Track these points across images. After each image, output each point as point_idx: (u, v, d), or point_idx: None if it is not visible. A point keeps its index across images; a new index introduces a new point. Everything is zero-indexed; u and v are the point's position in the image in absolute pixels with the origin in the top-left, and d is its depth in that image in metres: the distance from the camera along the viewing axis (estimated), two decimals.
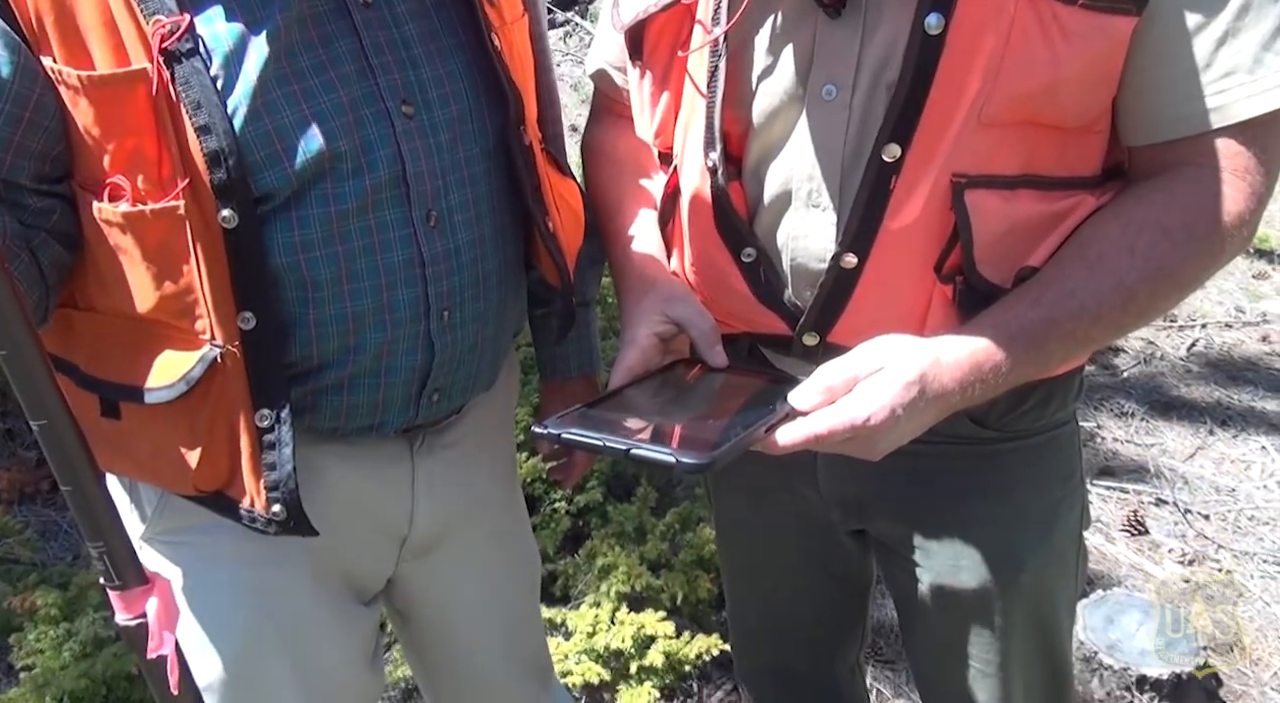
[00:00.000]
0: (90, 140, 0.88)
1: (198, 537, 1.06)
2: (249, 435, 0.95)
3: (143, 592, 0.84)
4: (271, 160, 0.90)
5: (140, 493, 1.08)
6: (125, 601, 0.84)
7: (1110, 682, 2.12)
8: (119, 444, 1.00)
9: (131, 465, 1.02)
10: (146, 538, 1.08)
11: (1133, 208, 0.92)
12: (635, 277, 1.06)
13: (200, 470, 0.97)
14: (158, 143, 0.87)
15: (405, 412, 1.06)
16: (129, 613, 0.84)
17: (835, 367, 0.86)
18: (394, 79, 0.97)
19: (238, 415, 0.95)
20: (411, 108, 0.97)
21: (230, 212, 0.88)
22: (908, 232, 0.94)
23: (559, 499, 2.35)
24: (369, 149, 0.94)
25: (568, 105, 5.42)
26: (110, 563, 0.82)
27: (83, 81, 0.85)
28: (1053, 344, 0.91)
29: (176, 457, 0.97)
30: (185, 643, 1.05)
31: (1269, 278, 3.80)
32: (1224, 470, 2.81)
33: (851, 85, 0.94)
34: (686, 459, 0.76)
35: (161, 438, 0.97)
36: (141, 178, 0.88)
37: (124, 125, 0.86)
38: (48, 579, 2.16)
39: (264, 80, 0.89)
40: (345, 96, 0.93)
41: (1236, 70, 0.86)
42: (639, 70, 1.09)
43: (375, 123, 0.95)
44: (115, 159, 0.87)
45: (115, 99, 0.85)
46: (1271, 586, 2.40)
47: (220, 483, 0.99)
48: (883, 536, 1.21)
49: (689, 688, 2.12)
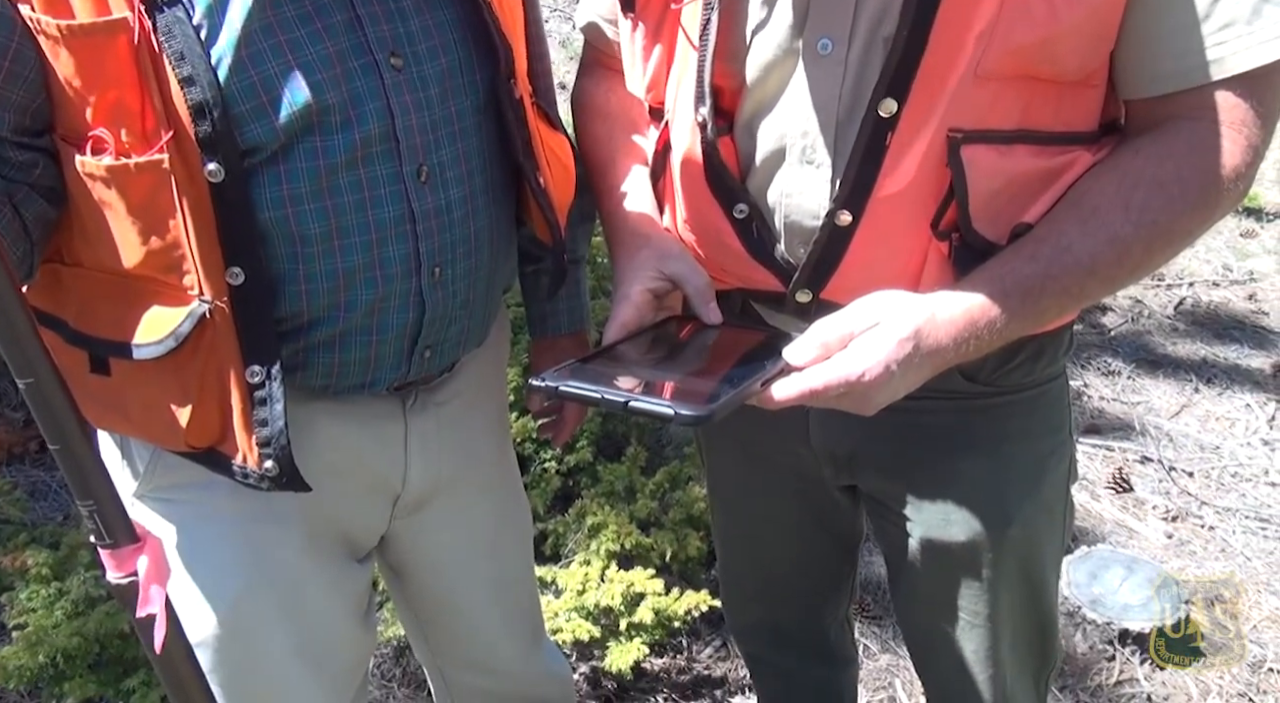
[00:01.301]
0: (71, 92, 0.86)
1: (191, 494, 1.06)
2: (240, 392, 0.95)
3: (134, 550, 0.84)
4: (257, 113, 0.88)
5: (132, 450, 1.07)
6: (116, 559, 0.84)
7: (1093, 636, 2.15)
8: (110, 400, 0.99)
9: (122, 421, 1.02)
10: (139, 495, 1.08)
11: (1129, 162, 0.92)
12: (628, 233, 1.05)
13: (191, 427, 0.97)
14: (140, 94, 0.85)
15: (397, 369, 1.06)
16: (120, 571, 0.84)
17: (830, 322, 0.86)
18: (383, 30, 0.95)
19: (228, 372, 0.94)
20: (400, 60, 0.96)
21: (216, 165, 0.87)
22: (903, 188, 0.93)
23: (549, 459, 2.35)
24: (358, 102, 0.93)
25: (556, 62, 5.34)
26: (100, 521, 0.82)
27: (62, 31, 0.83)
28: (1048, 299, 0.91)
29: (167, 413, 0.97)
30: (179, 600, 1.05)
31: (1256, 236, 3.81)
32: (1208, 428, 2.84)
33: (848, 39, 0.92)
34: (685, 411, 0.76)
35: (152, 394, 0.97)
36: (124, 131, 0.86)
37: (105, 77, 0.84)
38: (38, 539, 2.16)
39: (248, 30, 0.87)
40: (332, 48, 0.92)
41: (1235, 22, 0.85)
42: (631, 23, 1.07)
43: (364, 75, 0.93)
44: (97, 111, 0.86)
45: (95, 49, 0.84)
46: (1253, 541, 2.43)
47: (212, 439, 0.99)
48: (873, 490, 1.22)
49: (678, 644, 2.14)
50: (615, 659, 1.93)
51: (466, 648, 1.38)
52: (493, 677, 1.40)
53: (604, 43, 1.21)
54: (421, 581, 1.30)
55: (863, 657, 2.11)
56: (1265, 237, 3.82)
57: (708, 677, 2.09)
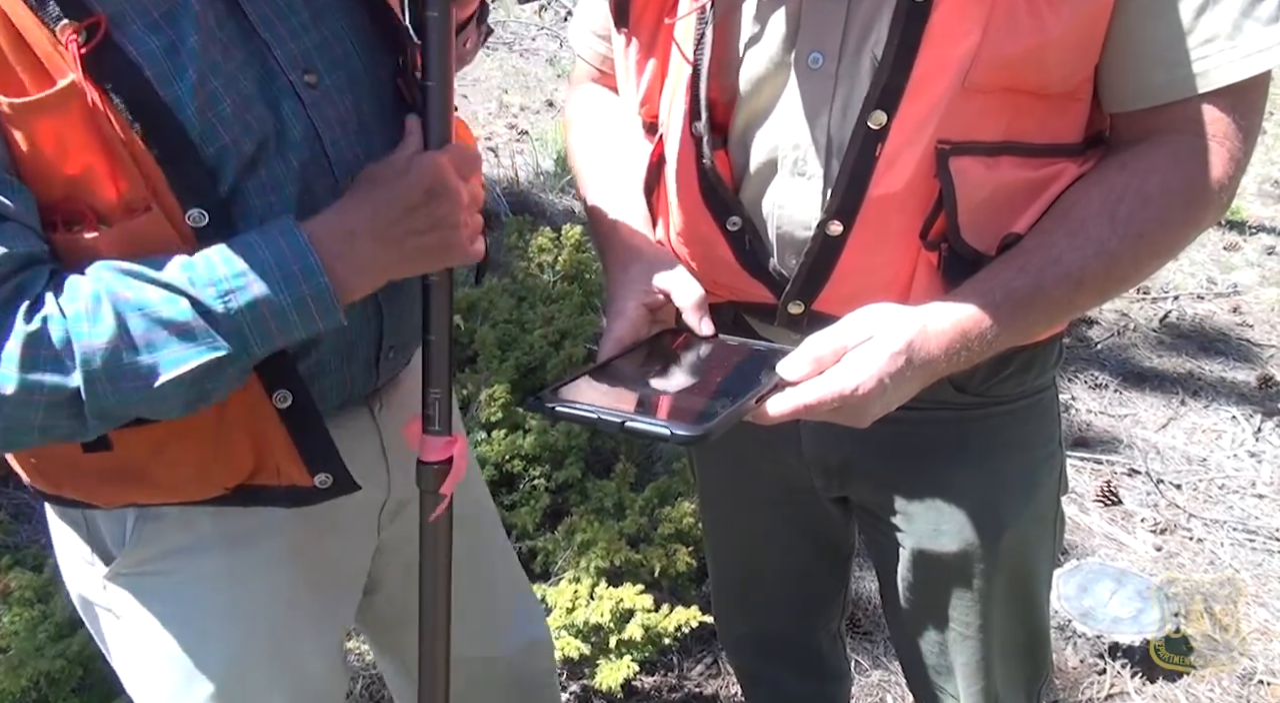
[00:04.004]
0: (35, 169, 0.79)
1: (172, 562, 1.03)
2: (272, 419, 0.94)
3: (450, 440, 1.01)
4: (223, 154, 0.85)
5: (102, 531, 1.03)
6: (436, 446, 1.00)
7: (1084, 649, 2.15)
8: (119, 474, 0.95)
9: (142, 490, 0.97)
10: (113, 575, 1.04)
11: (1115, 175, 0.93)
12: (621, 247, 1.06)
13: (230, 467, 0.95)
14: (108, 158, 0.80)
15: (369, 380, 1.06)
16: (436, 458, 1.00)
17: (823, 337, 0.87)
18: (290, 50, 0.91)
19: (255, 404, 0.93)
20: (315, 77, 0.92)
21: (199, 211, 0.84)
22: (893, 199, 0.94)
23: (538, 476, 2.34)
24: (287, 126, 0.90)
25: (543, 79, 5.38)
26: (438, 410, 0.99)
27: (16, 108, 0.77)
28: (1037, 310, 0.92)
29: (198, 462, 0.94)
30: (169, 672, 1.04)
31: (1240, 249, 3.85)
32: (1195, 440, 2.85)
33: (838, 53, 0.93)
34: (681, 431, 0.76)
35: (177, 450, 0.93)
36: (95, 199, 0.81)
37: (67, 147, 0.78)
38: (21, 561, 2.13)
39: (200, 73, 0.83)
40: (254, 78, 0.88)
41: (1217, 37, 0.87)
42: (624, 38, 1.08)
43: (284, 99, 0.90)
44: (65, 184, 0.80)
45: (53, 121, 0.78)
46: (1241, 553, 2.44)
47: (246, 473, 0.97)
48: (865, 501, 1.22)
49: (669, 662, 2.13)
50: (605, 677, 1.92)
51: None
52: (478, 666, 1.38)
53: (597, 58, 1.21)
54: (393, 587, 1.27)
55: (854, 672, 2.11)
56: (1248, 249, 3.85)
57: (699, 694, 2.08)
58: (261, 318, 0.82)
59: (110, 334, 0.78)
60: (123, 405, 0.81)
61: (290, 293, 0.83)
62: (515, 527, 2.25)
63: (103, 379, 0.78)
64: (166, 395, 0.81)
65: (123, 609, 1.04)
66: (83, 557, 1.05)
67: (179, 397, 0.82)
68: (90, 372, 0.78)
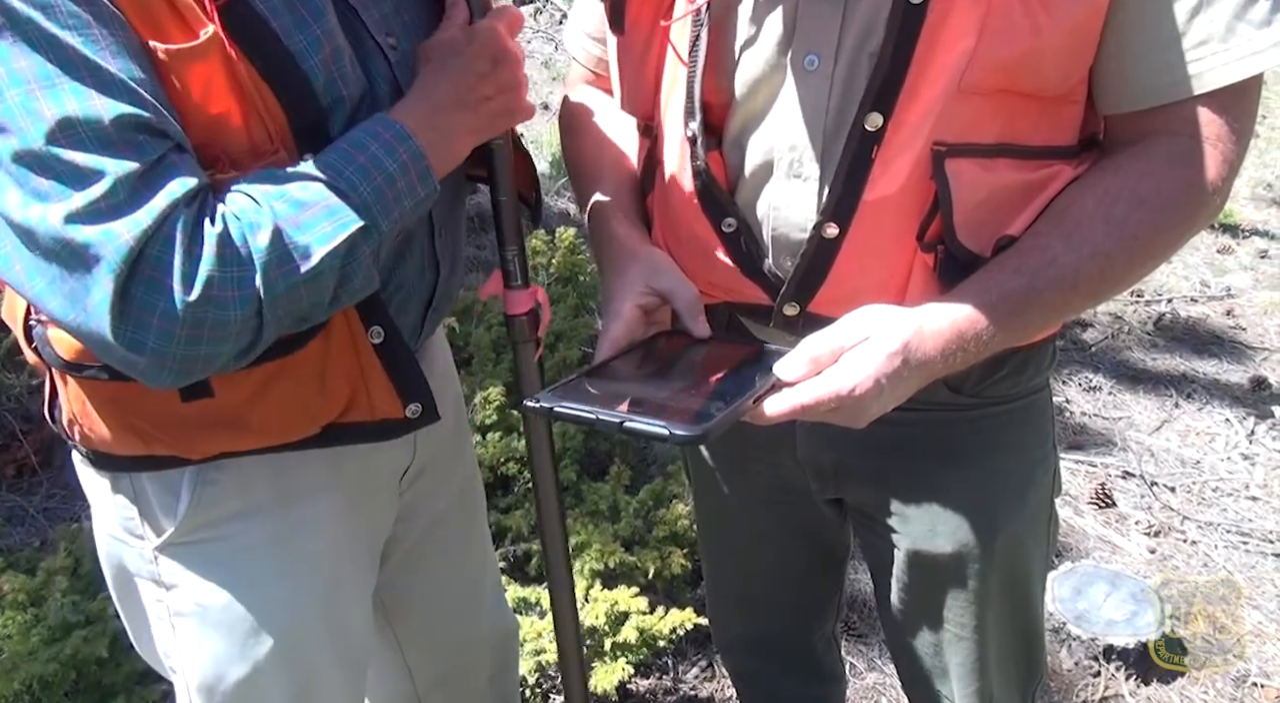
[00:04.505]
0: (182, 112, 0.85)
1: (226, 528, 1.05)
2: (367, 355, 1.00)
3: (532, 291, 1.10)
4: (337, 105, 0.92)
5: (154, 504, 1.05)
6: (518, 299, 1.09)
7: (1078, 652, 2.15)
8: (218, 421, 0.98)
9: (237, 437, 1.01)
10: (163, 548, 1.06)
11: (1109, 177, 0.93)
12: (617, 249, 1.06)
13: (327, 405, 1.01)
14: (242, 107, 0.86)
15: (416, 336, 1.10)
16: (519, 311, 1.10)
17: (820, 338, 0.87)
18: (374, 15, 0.99)
19: (354, 339, 0.99)
20: (395, 40, 1.00)
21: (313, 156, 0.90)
22: (889, 201, 0.94)
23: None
24: (376, 84, 0.97)
25: (537, 83, 5.38)
26: (517, 266, 1.08)
27: (170, 55, 0.82)
28: (1032, 312, 0.92)
29: (301, 402, 0.99)
30: (228, 637, 1.07)
31: (1233, 252, 3.86)
32: (1189, 443, 2.86)
33: (834, 55, 0.93)
34: (679, 431, 0.77)
35: (285, 389, 0.98)
36: (228, 145, 0.87)
37: (210, 94, 0.85)
38: (14, 564, 2.13)
39: (320, 32, 0.90)
40: (348, 39, 0.95)
41: (1210, 39, 0.87)
42: (620, 40, 1.08)
43: (372, 60, 0.97)
44: (203, 129, 0.86)
45: (200, 69, 0.84)
46: (1234, 555, 2.45)
47: (338, 410, 1.02)
48: (860, 503, 1.22)
49: (664, 664, 2.13)
50: (600, 680, 1.92)
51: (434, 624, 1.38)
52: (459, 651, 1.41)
53: (592, 60, 1.21)
54: (398, 559, 1.29)
55: (850, 675, 2.11)
56: (1241, 253, 3.87)
57: (694, 697, 2.08)
58: (378, 188, 0.89)
59: (270, 223, 0.84)
60: (290, 293, 0.85)
61: (393, 159, 0.90)
62: (510, 529, 2.25)
63: (274, 264, 0.84)
64: (322, 273, 0.86)
65: (175, 579, 1.07)
66: (130, 530, 1.07)
67: (330, 279, 0.87)
68: (264, 260, 0.83)
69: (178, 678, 1.13)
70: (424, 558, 1.31)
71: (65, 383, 1.02)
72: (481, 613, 1.42)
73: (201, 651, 1.08)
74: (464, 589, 1.38)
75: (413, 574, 1.32)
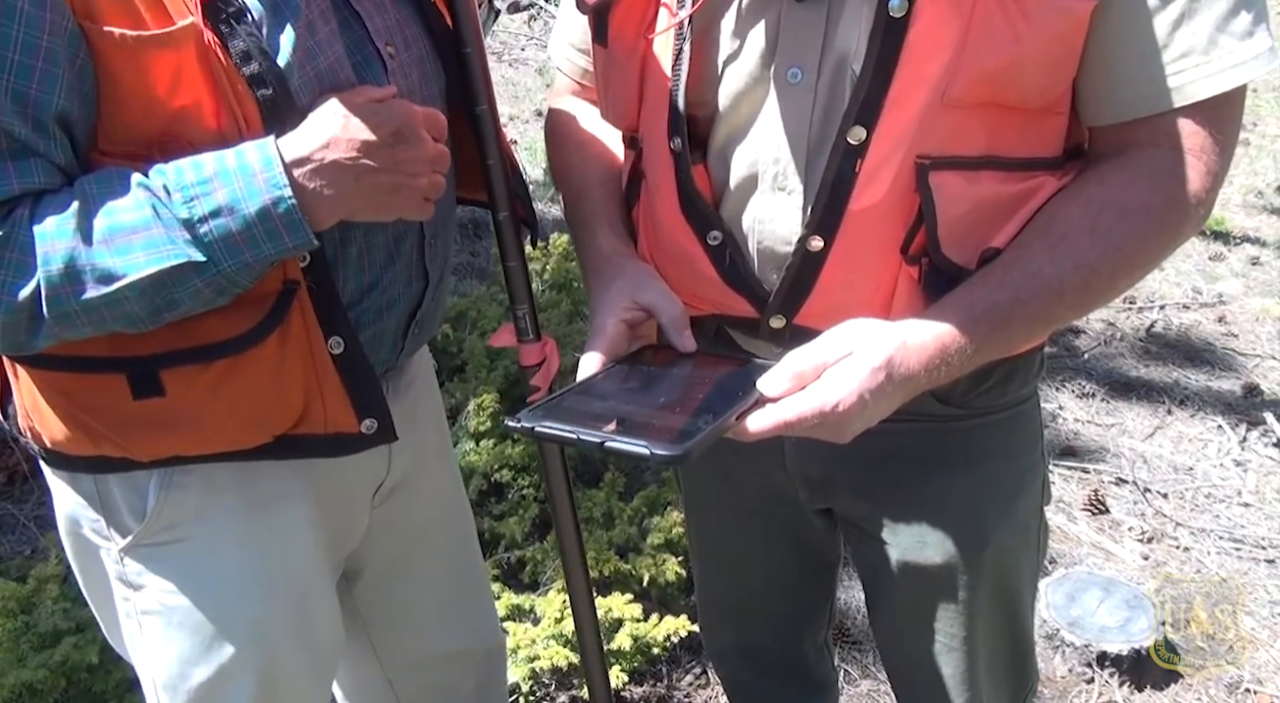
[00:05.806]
0: (141, 101, 0.84)
1: (193, 529, 1.05)
2: (324, 365, 0.98)
3: (541, 345, 1.14)
4: (314, 106, 0.90)
5: (120, 504, 1.04)
6: (531, 351, 1.14)
7: (1072, 659, 2.15)
8: (170, 421, 0.96)
9: (188, 439, 0.98)
10: (129, 549, 1.05)
11: (1093, 188, 0.93)
12: (602, 263, 1.06)
13: (281, 412, 0.99)
14: (214, 97, 0.85)
15: (395, 350, 1.10)
16: (531, 362, 1.14)
17: (804, 353, 0.87)
18: (376, 24, 1.00)
19: (311, 348, 0.97)
20: (393, 49, 1.01)
21: None
22: (873, 214, 0.94)
23: (527, 486, 2.34)
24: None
25: (532, 89, 5.38)
26: (529, 322, 1.13)
27: (134, 41, 0.82)
28: (1017, 324, 0.92)
29: (253, 407, 0.97)
30: (190, 638, 1.06)
31: (1225, 260, 3.87)
32: (1182, 449, 2.86)
33: (817, 68, 0.94)
34: (660, 451, 0.77)
35: (238, 391, 0.96)
36: (195, 136, 0.85)
37: (180, 82, 0.84)
38: (5, 572, 2.12)
39: (299, 29, 0.90)
40: (347, 43, 0.96)
41: (1192, 51, 0.87)
42: (604, 52, 1.08)
43: (369, 66, 0.98)
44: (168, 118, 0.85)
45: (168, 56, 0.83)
46: (1228, 561, 2.45)
47: (293, 421, 1.00)
48: (849, 513, 1.22)
49: (658, 671, 2.13)
50: None
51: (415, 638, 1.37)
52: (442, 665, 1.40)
53: (577, 72, 1.21)
54: (375, 573, 1.29)
55: (843, 683, 2.11)
56: (1233, 260, 3.87)
57: None
58: (225, 226, 0.84)
59: (70, 236, 0.81)
60: (86, 311, 0.83)
61: (253, 202, 0.84)
62: (504, 536, 2.25)
63: (62, 280, 0.81)
64: (126, 299, 0.82)
65: (142, 580, 1.06)
66: (95, 531, 1.07)
67: (142, 303, 0.84)
68: (49, 273, 0.81)
69: (144, 676, 1.13)
70: (403, 572, 1.31)
71: (17, 376, 1.01)
72: (465, 628, 1.41)
73: (167, 650, 1.08)
74: (445, 605, 1.37)
75: (391, 588, 1.31)
